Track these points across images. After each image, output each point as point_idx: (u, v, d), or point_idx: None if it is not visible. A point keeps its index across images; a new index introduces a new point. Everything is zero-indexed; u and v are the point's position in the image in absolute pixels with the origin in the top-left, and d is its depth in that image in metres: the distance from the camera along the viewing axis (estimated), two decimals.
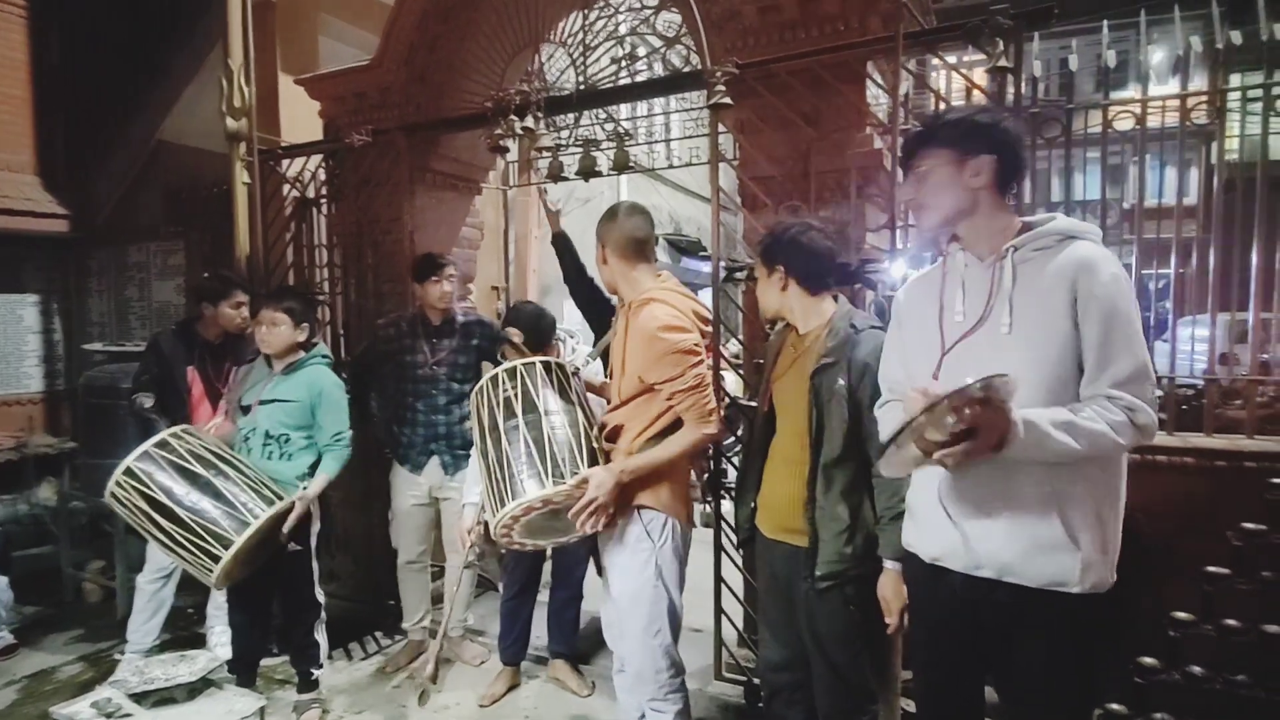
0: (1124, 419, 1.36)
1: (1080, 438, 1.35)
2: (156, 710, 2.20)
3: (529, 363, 2.16)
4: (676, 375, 2.00)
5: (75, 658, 3.45)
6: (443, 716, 2.93)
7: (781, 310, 2.07)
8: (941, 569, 1.58)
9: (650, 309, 2.06)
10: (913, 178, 1.59)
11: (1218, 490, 2.38)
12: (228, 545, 2.35)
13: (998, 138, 1.50)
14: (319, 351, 2.87)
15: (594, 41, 3.21)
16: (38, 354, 5.27)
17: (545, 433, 2.01)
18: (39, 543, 4.49)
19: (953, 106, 2.23)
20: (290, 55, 4.62)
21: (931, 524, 1.60)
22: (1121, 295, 1.40)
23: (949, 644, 1.64)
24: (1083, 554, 1.42)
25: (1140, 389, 1.39)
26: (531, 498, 1.94)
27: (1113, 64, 2.70)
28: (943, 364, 1.56)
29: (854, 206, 2.63)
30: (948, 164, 1.52)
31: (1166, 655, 2.19)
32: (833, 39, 2.64)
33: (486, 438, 2.07)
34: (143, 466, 2.40)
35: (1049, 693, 1.51)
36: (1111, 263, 1.44)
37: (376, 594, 3.69)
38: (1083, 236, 1.48)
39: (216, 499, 2.40)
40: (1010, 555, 1.47)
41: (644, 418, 2.09)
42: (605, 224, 2.20)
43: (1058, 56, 3.94)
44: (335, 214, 3.88)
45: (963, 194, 1.52)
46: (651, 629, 2.10)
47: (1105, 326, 1.39)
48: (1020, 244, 1.50)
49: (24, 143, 5.09)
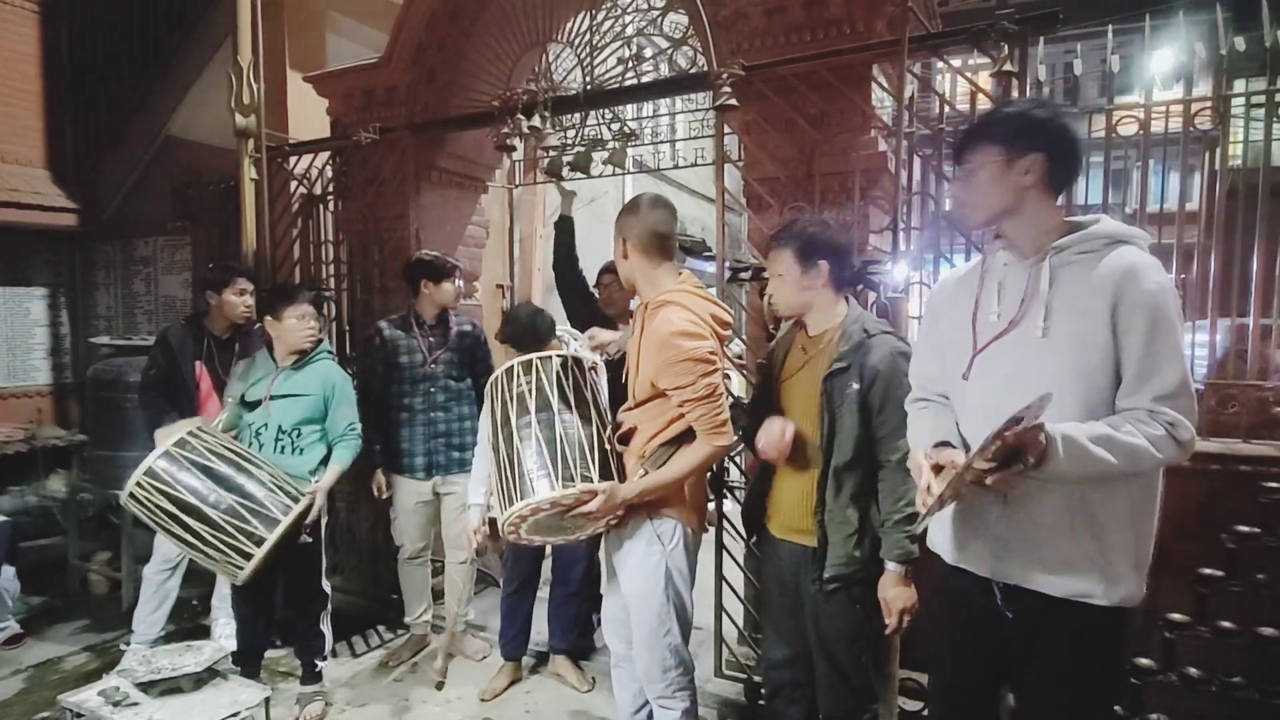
0: (1164, 434, 1.31)
1: (1119, 454, 1.29)
2: (163, 699, 2.23)
3: (545, 357, 2.11)
4: (687, 384, 1.92)
5: (81, 648, 3.49)
6: (445, 710, 2.96)
7: (809, 307, 2.02)
8: (965, 572, 1.56)
9: (666, 312, 1.97)
10: (961, 174, 1.54)
11: (1212, 493, 2.39)
12: (260, 543, 2.38)
13: (1052, 135, 1.44)
14: (324, 347, 2.91)
15: (601, 42, 3.23)
16: (46, 347, 5.31)
17: (558, 432, 1.98)
18: (47, 534, 4.54)
19: (1011, 100, 2.18)
20: (298, 52, 4.65)
21: (956, 527, 1.57)
22: (1167, 305, 1.34)
23: (968, 649, 1.62)
24: (1114, 568, 1.39)
25: (1184, 403, 1.33)
26: (539, 499, 1.93)
27: (1117, 69, 2.72)
28: (973, 365, 1.52)
29: (857, 208, 2.65)
30: (997, 161, 1.46)
31: (1162, 657, 2.21)
32: (838, 42, 2.66)
33: (499, 433, 2.05)
34: (165, 466, 2.40)
35: (1068, 705, 1.48)
36: (1157, 270, 1.37)
37: (379, 589, 3.72)
38: (1130, 241, 1.42)
39: (244, 497, 2.42)
40: (1035, 564, 1.43)
41: (658, 421, 2.05)
42: (627, 217, 2.09)
43: (1062, 61, 3.95)
44: (342, 211, 3.91)
45: (1010, 192, 1.46)
46: (661, 629, 2.10)
47: (1149, 337, 1.32)
48: (1063, 245, 1.44)
49: (34, 137, 5.13)
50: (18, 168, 4.98)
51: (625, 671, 2.32)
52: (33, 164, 5.10)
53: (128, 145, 5.23)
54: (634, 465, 2.08)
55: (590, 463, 1.97)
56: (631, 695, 2.33)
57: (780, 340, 2.20)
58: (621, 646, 2.30)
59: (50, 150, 5.20)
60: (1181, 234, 2.95)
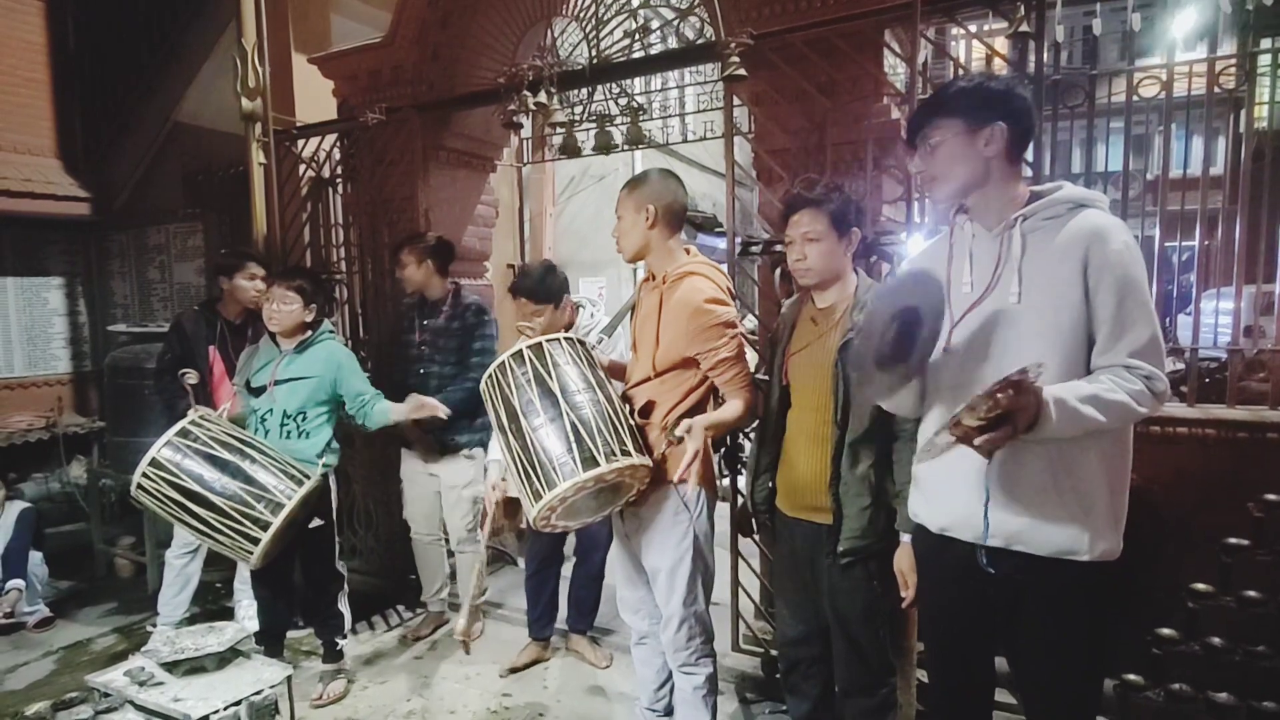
0: (1142, 388, 1.36)
1: (1106, 410, 1.35)
2: (187, 679, 2.26)
3: (553, 339, 2.09)
4: (721, 344, 2.01)
5: (109, 630, 3.56)
6: (464, 687, 2.99)
7: (840, 274, 1.99)
8: (949, 539, 1.58)
9: (692, 282, 2.04)
10: (924, 149, 1.56)
11: (1239, 462, 2.36)
12: (266, 527, 2.40)
13: (1011, 105, 1.48)
14: (326, 327, 2.91)
15: (606, 15, 3.18)
16: (64, 336, 5.37)
17: (592, 411, 1.94)
18: (71, 519, 4.62)
19: (960, 75, 2.19)
20: (303, 34, 4.62)
21: (939, 495, 1.60)
22: (1135, 263, 1.40)
23: (958, 615, 1.65)
24: (1093, 522, 1.43)
25: (1156, 357, 1.39)
26: (585, 476, 1.86)
27: (1138, 28, 2.64)
28: (952, 336, 1.55)
29: (870, 178, 2.60)
30: (960, 134, 1.49)
31: (1185, 627, 2.18)
32: (849, 7, 2.59)
33: (508, 427, 1.99)
34: (169, 456, 2.42)
35: (1059, 661, 1.52)
36: (1123, 230, 1.43)
37: (397, 569, 3.76)
38: (1092, 204, 1.47)
39: (248, 483, 2.44)
40: (1019, 524, 1.47)
41: (675, 394, 2.08)
42: (653, 187, 2.11)
43: (1081, 24, 3.84)
44: (350, 193, 3.90)
45: (976, 164, 1.50)
46: (689, 598, 2.13)
47: (1120, 295, 1.38)
48: (1029, 213, 1.48)
49: (44, 127, 5.13)
50: (30, 158, 5.00)
51: (648, 649, 2.33)
52: (44, 154, 5.11)
53: (137, 132, 5.23)
54: (657, 438, 2.08)
55: (624, 435, 1.95)
56: (655, 671, 2.34)
57: (786, 313, 2.17)
58: (644, 624, 2.31)
59: (61, 140, 5.21)
60: (1205, 200, 2.87)
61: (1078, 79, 2.61)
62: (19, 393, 5.06)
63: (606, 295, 6.70)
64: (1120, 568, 1.47)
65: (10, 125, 4.91)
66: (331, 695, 2.88)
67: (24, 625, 3.53)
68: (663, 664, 2.33)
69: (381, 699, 2.92)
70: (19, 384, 5.08)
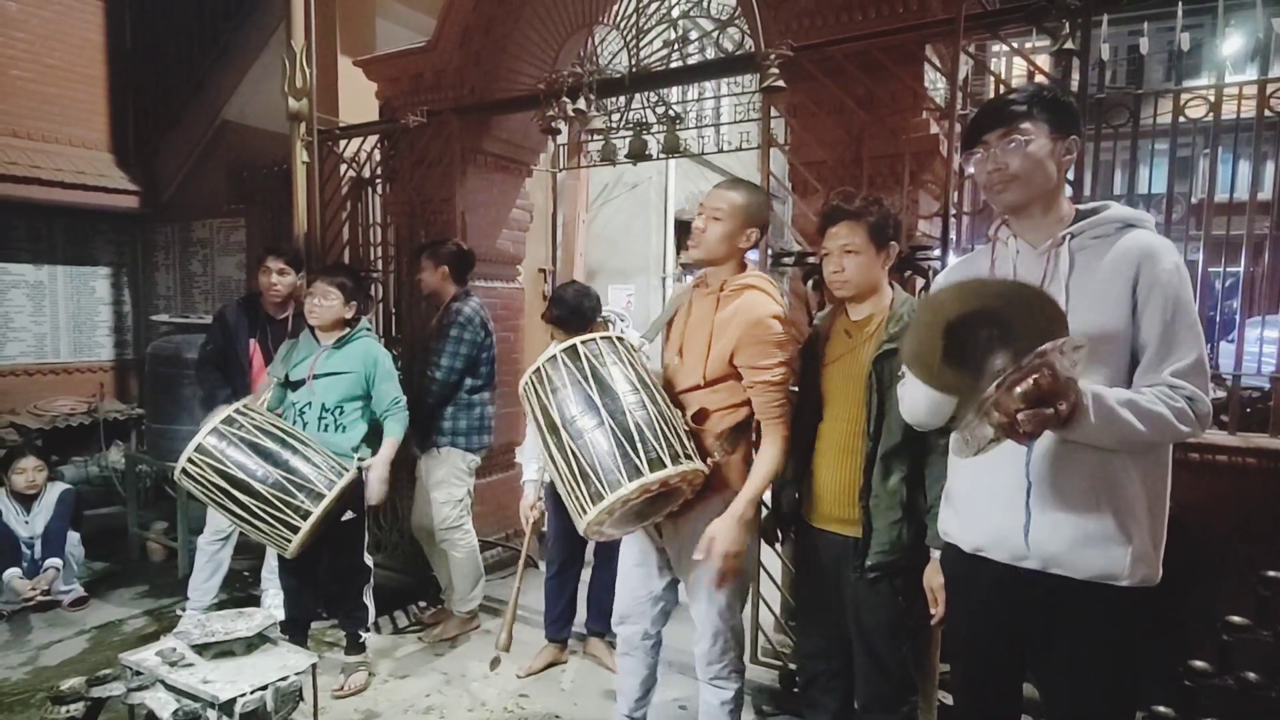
0: (1184, 407, 1.35)
1: (1144, 419, 1.33)
2: (216, 661, 2.31)
3: (596, 337, 2.02)
4: (772, 364, 1.96)
5: (141, 611, 3.65)
6: (483, 685, 3.01)
7: (877, 287, 1.98)
8: (983, 559, 1.55)
9: (755, 296, 2.01)
10: (1010, 143, 1.47)
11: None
12: (306, 516, 2.46)
13: (1079, 123, 1.51)
14: (364, 324, 2.97)
15: (647, 24, 3.21)
16: (109, 324, 5.54)
17: (651, 412, 1.89)
18: (108, 502, 4.75)
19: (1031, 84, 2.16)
20: (349, 37, 4.73)
21: (974, 513, 1.57)
22: (1184, 285, 1.39)
23: (987, 637, 1.62)
24: (1134, 547, 1.40)
25: (1200, 380, 1.37)
26: (650, 479, 1.80)
27: (1186, 48, 2.60)
28: None
29: (906, 193, 2.59)
30: (1048, 137, 1.47)
31: (1219, 660, 2.13)
32: (891, 21, 2.60)
33: (552, 435, 1.92)
34: (215, 443, 2.49)
35: (1090, 688, 1.48)
36: (1173, 251, 1.42)
37: (420, 565, 3.79)
38: (1140, 224, 1.46)
39: (290, 472, 2.50)
40: (1058, 546, 1.44)
41: (727, 404, 2.04)
42: (762, 210, 2.09)
43: (1127, 43, 3.78)
44: (390, 194, 3.97)
45: (1054, 170, 1.48)
46: (729, 611, 2.10)
47: (1168, 315, 1.37)
48: (1077, 231, 1.47)
49: (98, 121, 5.32)
50: (84, 150, 5.18)
51: (635, 660, 2.29)
52: (97, 147, 5.30)
53: (186, 129, 5.40)
54: (713, 444, 2.03)
55: (684, 437, 1.91)
56: (639, 681, 2.31)
57: (819, 325, 2.16)
58: (635, 635, 2.27)
59: (113, 134, 5.40)
60: (1252, 226, 2.81)
61: (1123, 98, 2.58)
62: (63, 378, 5.23)
63: (635, 304, 6.74)
64: (1155, 596, 1.45)
65: (67, 119, 5.10)
66: (353, 687, 2.92)
67: (59, 603, 3.62)
68: (648, 675, 2.30)
69: (401, 693, 2.95)
70: (64, 369, 5.25)
